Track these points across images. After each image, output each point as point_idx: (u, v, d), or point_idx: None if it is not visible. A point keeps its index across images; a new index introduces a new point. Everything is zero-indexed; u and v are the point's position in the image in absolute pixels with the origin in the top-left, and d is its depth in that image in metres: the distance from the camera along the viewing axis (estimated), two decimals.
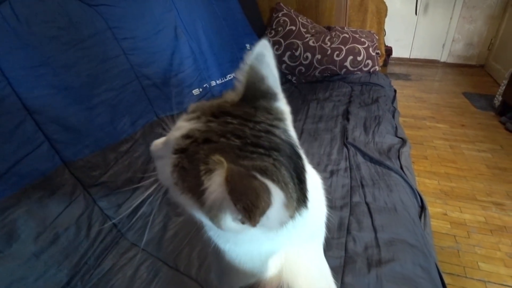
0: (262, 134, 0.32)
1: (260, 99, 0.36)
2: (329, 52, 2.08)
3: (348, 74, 2.13)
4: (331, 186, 1.06)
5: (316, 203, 0.40)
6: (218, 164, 0.27)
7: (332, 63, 2.10)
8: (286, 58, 2.16)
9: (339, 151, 1.27)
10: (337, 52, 2.07)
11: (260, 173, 0.27)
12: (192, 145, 0.31)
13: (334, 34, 2.14)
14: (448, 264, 1.36)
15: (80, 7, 1.05)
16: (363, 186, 1.05)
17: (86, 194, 0.93)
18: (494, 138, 2.32)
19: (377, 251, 0.81)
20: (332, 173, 1.14)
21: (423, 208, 1.01)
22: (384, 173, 1.11)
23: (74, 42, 1.00)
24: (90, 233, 0.89)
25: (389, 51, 3.76)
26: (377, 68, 2.15)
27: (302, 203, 0.33)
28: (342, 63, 2.09)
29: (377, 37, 2.30)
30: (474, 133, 2.41)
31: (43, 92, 0.89)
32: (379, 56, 2.32)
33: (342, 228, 0.89)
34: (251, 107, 0.35)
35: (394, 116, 1.58)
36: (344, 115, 1.58)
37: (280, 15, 2.22)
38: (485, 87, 3.29)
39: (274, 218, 0.27)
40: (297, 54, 2.13)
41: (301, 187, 0.33)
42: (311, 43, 2.12)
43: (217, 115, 0.34)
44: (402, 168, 1.14)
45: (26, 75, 0.86)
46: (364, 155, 1.22)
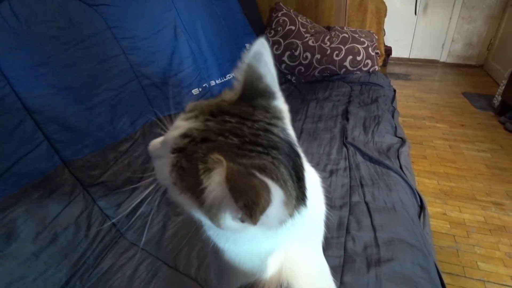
0: (260, 133, 0.32)
1: (258, 97, 0.36)
2: (328, 52, 2.08)
3: (347, 74, 2.13)
4: (330, 186, 1.06)
5: (315, 202, 0.40)
6: (217, 163, 0.27)
7: (332, 63, 2.10)
8: (285, 58, 2.16)
9: (338, 150, 1.28)
10: (336, 52, 2.08)
11: (259, 171, 0.27)
12: (191, 144, 0.31)
13: (333, 34, 2.14)
14: (448, 263, 1.36)
15: (80, 7, 1.05)
16: (362, 186, 1.05)
17: (85, 193, 0.93)
18: (494, 138, 2.32)
19: (376, 251, 0.81)
20: (331, 172, 1.14)
21: (422, 207, 1.01)
22: (383, 172, 1.11)
23: (74, 42, 1.00)
24: (90, 232, 0.89)
25: (388, 51, 3.76)
26: (376, 68, 2.15)
27: (301, 201, 0.33)
28: (341, 63, 2.09)
29: (376, 37, 2.30)
30: (473, 133, 2.41)
31: (42, 92, 0.89)
32: (379, 56, 2.32)
33: (342, 228, 0.90)
34: (249, 105, 0.35)
35: (393, 116, 1.58)
36: (344, 115, 1.58)
37: (279, 15, 2.22)
38: (484, 87, 3.30)
39: (273, 217, 0.27)
40: (296, 54, 2.13)
41: (300, 186, 0.33)
42: (310, 43, 2.12)
43: (215, 114, 0.34)
44: (401, 168, 1.14)
45: (26, 75, 0.86)
46: (363, 154, 1.22)
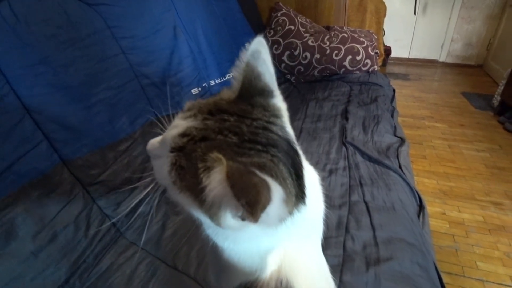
0: (259, 131, 0.32)
1: (256, 96, 0.36)
2: (328, 51, 2.08)
3: (347, 73, 2.13)
4: (330, 185, 1.06)
5: (314, 199, 0.40)
6: (216, 162, 0.27)
7: (331, 62, 2.10)
8: (285, 58, 2.16)
9: (338, 150, 1.28)
10: (336, 51, 2.08)
11: (259, 169, 0.27)
12: (190, 143, 0.31)
13: (333, 33, 2.14)
14: (447, 263, 1.36)
15: (79, 6, 1.05)
16: (362, 185, 1.05)
17: (85, 193, 0.93)
18: (493, 137, 2.33)
19: (375, 250, 0.81)
20: (331, 172, 1.14)
21: (421, 207, 1.01)
22: (382, 172, 1.11)
23: (73, 41, 1.00)
24: (89, 231, 0.89)
25: (388, 51, 3.77)
26: (376, 67, 2.15)
27: (300, 199, 0.33)
28: (341, 62, 2.09)
29: (376, 36, 2.30)
30: (472, 132, 2.41)
31: (42, 91, 0.89)
32: (378, 56, 2.32)
33: (341, 227, 0.90)
34: (248, 104, 0.35)
35: (393, 116, 1.58)
36: (343, 115, 1.58)
37: (279, 14, 2.22)
38: (483, 87, 3.30)
39: (273, 214, 0.27)
40: (296, 53, 2.13)
41: (299, 183, 0.33)
42: (310, 42, 2.12)
43: (213, 112, 0.33)
44: (400, 167, 1.14)
45: (25, 74, 0.86)
46: (363, 154, 1.22)
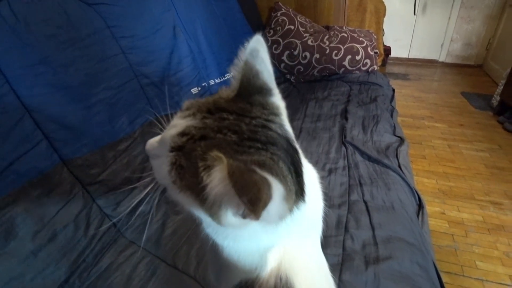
0: (258, 129, 0.32)
1: (255, 94, 0.36)
2: (327, 51, 2.08)
3: (346, 73, 2.13)
4: (329, 185, 1.07)
5: (313, 197, 0.40)
6: (216, 160, 0.27)
7: (331, 62, 2.10)
8: (284, 58, 2.16)
9: (337, 149, 1.28)
10: (335, 51, 2.08)
11: (259, 167, 0.27)
12: (189, 142, 0.31)
13: (332, 33, 2.14)
14: (446, 263, 1.36)
15: (78, 6, 1.05)
16: (361, 185, 1.05)
17: (84, 192, 0.93)
18: (492, 137, 2.33)
19: (374, 249, 0.81)
20: (330, 171, 1.14)
21: (420, 206, 1.02)
22: (382, 171, 1.11)
23: (73, 40, 1.00)
24: (88, 231, 0.89)
25: (387, 50, 3.77)
26: (375, 67, 2.16)
27: (300, 196, 0.33)
28: (340, 62, 2.10)
29: (375, 36, 2.31)
30: (472, 132, 2.41)
31: (41, 91, 0.89)
32: (378, 56, 2.33)
33: (340, 226, 0.90)
34: (247, 102, 0.35)
35: (392, 115, 1.58)
36: (343, 114, 1.58)
37: (278, 14, 2.22)
38: (483, 87, 3.30)
39: (274, 212, 0.27)
40: (295, 53, 2.13)
41: (298, 181, 0.33)
42: (309, 42, 2.12)
43: (212, 111, 0.33)
44: (400, 167, 1.14)
45: (25, 74, 0.86)
46: (362, 153, 1.23)
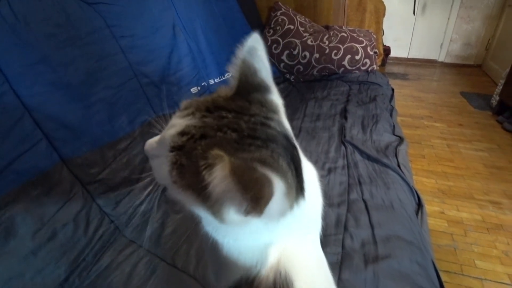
0: (257, 127, 0.32)
1: (253, 92, 0.36)
2: (327, 51, 2.09)
3: (346, 73, 2.13)
4: (329, 184, 1.07)
5: (313, 194, 0.40)
6: (218, 158, 0.27)
7: (330, 62, 2.10)
8: (284, 57, 2.17)
9: (337, 149, 1.28)
10: (335, 51, 2.08)
11: (260, 164, 0.27)
12: (189, 141, 0.31)
13: (332, 33, 2.15)
14: (445, 262, 1.36)
15: (78, 5, 1.05)
16: (360, 184, 1.06)
17: (84, 191, 0.93)
18: (491, 137, 2.33)
19: (374, 248, 0.81)
20: (329, 170, 1.14)
21: (420, 205, 1.02)
22: (381, 170, 1.11)
23: (73, 40, 1.00)
24: (88, 230, 0.89)
25: (387, 50, 3.77)
26: (375, 67, 2.16)
27: (299, 193, 0.33)
28: (340, 62, 2.10)
29: (375, 36, 2.31)
30: (471, 132, 2.42)
31: (41, 90, 0.89)
32: (377, 55, 2.33)
33: (340, 225, 0.90)
34: (245, 100, 0.35)
35: (391, 115, 1.58)
36: (342, 114, 1.58)
37: (278, 14, 2.22)
38: (482, 87, 3.31)
39: (275, 208, 0.27)
40: (295, 53, 2.13)
41: (298, 177, 0.33)
42: (309, 42, 2.12)
43: (211, 110, 0.34)
44: (399, 166, 1.14)
45: (25, 73, 0.86)
46: (361, 153, 1.23)
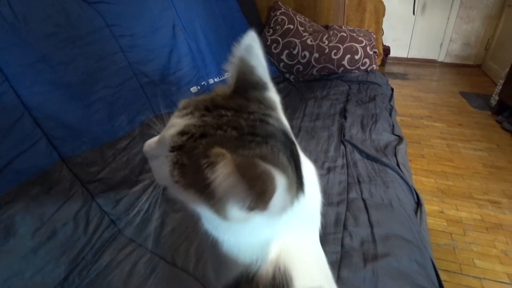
0: (257, 124, 0.33)
1: (251, 89, 0.36)
2: (326, 50, 2.09)
3: (345, 72, 2.13)
4: (328, 183, 1.07)
5: (312, 190, 0.40)
6: (219, 156, 0.27)
7: (330, 61, 2.10)
8: (284, 57, 2.17)
9: (336, 148, 1.28)
10: (334, 50, 2.08)
11: (261, 160, 0.28)
12: (189, 141, 0.31)
13: (332, 33, 2.15)
14: (444, 261, 1.37)
15: (78, 4, 1.06)
16: (359, 183, 1.06)
17: (84, 190, 0.93)
18: (491, 137, 2.34)
19: (373, 246, 0.82)
20: (329, 170, 1.14)
21: (419, 204, 1.02)
22: (380, 170, 1.11)
23: (72, 39, 1.00)
24: (88, 228, 0.89)
25: (387, 50, 3.78)
26: (374, 66, 2.16)
27: (299, 188, 0.34)
28: (339, 61, 2.10)
29: (374, 36, 2.31)
30: (471, 132, 2.42)
31: (41, 89, 0.90)
32: (377, 55, 2.33)
33: (339, 224, 0.90)
34: (243, 98, 0.35)
35: (391, 114, 1.58)
36: (342, 113, 1.59)
37: (278, 13, 2.22)
38: (482, 86, 3.31)
39: (278, 203, 0.28)
40: (295, 52, 2.14)
41: (297, 173, 0.34)
42: (309, 41, 2.12)
43: (210, 109, 0.34)
44: (398, 165, 1.15)
45: (24, 72, 0.87)
46: (361, 152, 1.23)
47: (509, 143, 2.24)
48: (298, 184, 0.33)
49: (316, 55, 2.10)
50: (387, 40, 3.86)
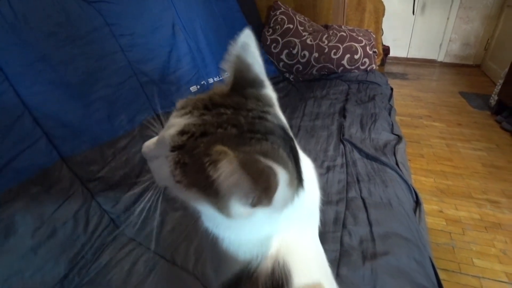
0: (256, 121, 0.33)
1: (248, 87, 0.37)
2: (326, 50, 2.09)
3: (345, 72, 2.13)
4: (327, 182, 1.07)
5: (311, 185, 0.41)
6: (222, 154, 0.27)
7: (330, 61, 2.11)
8: (283, 56, 2.17)
9: (335, 147, 1.28)
10: (334, 50, 2.08)
11: (262, 156, 0.28)
12: (190, 140, 0.31)
13: (331, 32, 2.15)
14: (443, 260, 1.37)
15: (78, 4, 1.06)
16: (359, 182, 1.06)
17: (83, 189, 0.93)
18: (490, 137, 2.34)
19: (372, 245, 0.82)
20: (328, 169, 1.15)
21: (418, 203, 1.02)
22: (379, 169, 1.12)
23: (72, 38, 1.00)
24: (88, 227, 0.90)
25: (386, 50, 3.78)
26: (374, 66, 2.16)
27: (299, 183, 0.34)
28: (339, 61, 2.10)
29: (374, 36, 2.31)
30: (470, 132, 2.43)
31: (41, 88, 0.90)
32: (376, 55, 2.33)
33: (338, 223, 0.90)
34: (241, 96, 0.36)
35: (390, 114, 1.59)
36: (341, 113, 1.59)
37: (277, 13, 2.23)
38: (481, 86, 3.32)
39: (280, 198, 0.28)
40: (294, 52, 2.14)
41: (297, 168, 0.34)
42: (308, 41, 2.13)
43: (209, 107, 0.34)
44: (397, 164, 1.15)
45: (24, 71, 0.87)
46: (360, 151, 1.23)
47: (508, 143, 2.24)
48: (298, 179, 0.34)
49: (316, 54, 2.11)
50: (386, 40, 3.87)
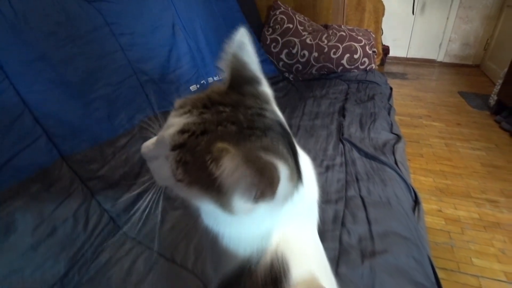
0: (255, 118, 0.33)
1: (245, 85, 0.37)
2: (326, 50, 2.09)
3: (344, 72, 2.14)
4: (326, 181, 1.07)
5: (309, 180, 0.41)
6: (223, 151, 0.28)
7: (329, 61, 2.11)
8: (283, 56, 2.17)
9: (335, 146, 1.29)
10: (334, 50, 2.09)
11: (263, 151, 0.29)
12: (190, 138, 0.32)
13: (331, 32, 2.15)
14: (443, 259, 1.37)
15: (78, 3, 1.06)
16: (358, 181, 1.06)
17: (83, 187, 0.93)
18: (489, 136, 2.35)
19: (371, 243, 0.82)
20: (327, 168, 1.15)
21: (416, 202, 1.02)
22: (379, 168, 1.12)
23: (72, 37, 1.01)
24: (88, 226, 0.90)
25: (386, 50, 3.79)
26: (373, 66, 2.16)
27: (298, 178, 0.34)
28: (338, 61, 2.11)
29: (374, 35, 2.32)
30: (469, 131, 2.43)
31: (41, 87, 0.90)
32: (376, 55, 2.34)
33: (337, 221, 0.91)
34: (239, 93, 0.36)
35: (389, 113, 1.59)
36: (340, 112, 1.59)
37: (277, 13, 2.23)
38: (480, 86, 3.32)
39: (281, 192, 0.28)
40: (294, 51, 2.14)
41: (296, 163, 0.34)
42: (308, 41, 2.13)
43: (208, 106, 0.34)
44: (396, 163, 1.15)
45: (24, 70, 0.87)
46: (359, 150, 1.24)
47: (507, 143, 2.25)
48: (297, 174, 0.34)
49: (315, 54, 2.11)
50: (386, 39, 3.87)
